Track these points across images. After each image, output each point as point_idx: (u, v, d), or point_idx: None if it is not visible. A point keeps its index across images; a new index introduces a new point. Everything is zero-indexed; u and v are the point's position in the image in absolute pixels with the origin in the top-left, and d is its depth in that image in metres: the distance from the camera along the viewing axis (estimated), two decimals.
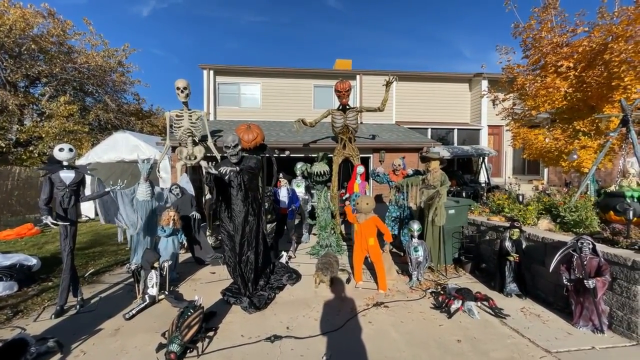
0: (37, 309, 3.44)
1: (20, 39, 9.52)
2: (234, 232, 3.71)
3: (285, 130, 8.82)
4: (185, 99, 6.18)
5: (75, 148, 3.58)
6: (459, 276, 4.50)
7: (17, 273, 3.94)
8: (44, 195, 3.30)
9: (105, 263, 5.07)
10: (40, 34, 9.89)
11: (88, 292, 3.92)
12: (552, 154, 4.72)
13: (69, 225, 3.40)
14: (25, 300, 3.64)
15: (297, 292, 3.93)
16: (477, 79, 10.89)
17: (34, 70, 10.02)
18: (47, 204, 3.32)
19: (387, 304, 3.53)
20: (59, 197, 3.36)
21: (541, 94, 4.70)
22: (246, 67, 10.41)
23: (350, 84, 6.46)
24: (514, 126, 5.29)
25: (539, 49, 5.14)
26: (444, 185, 4.10)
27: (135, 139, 8.62)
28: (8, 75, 9.65)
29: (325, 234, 5.58)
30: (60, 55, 10.70)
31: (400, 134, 9.08)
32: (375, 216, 4.01)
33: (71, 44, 11.42)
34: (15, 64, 9.74)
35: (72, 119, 10.31)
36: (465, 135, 10.99)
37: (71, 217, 3.43)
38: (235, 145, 3.69)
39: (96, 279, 4.43)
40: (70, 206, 3.42)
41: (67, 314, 3.33)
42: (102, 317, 3.26)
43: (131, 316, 3.23)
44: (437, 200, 4.02)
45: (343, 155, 6.84)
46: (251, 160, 3.81)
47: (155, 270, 3.76)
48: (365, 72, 10.70)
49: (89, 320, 3.20)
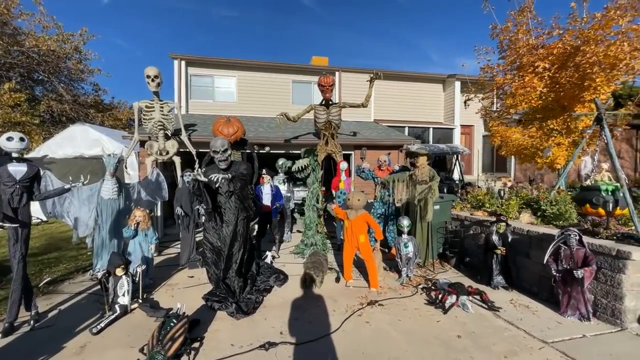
0: None
1: None
2: (220, 243, 3.43)
3: (264, 126, 8.49)
4: (157, 88, 5.68)
5: (28, 139, 3.05)
6: (445, 271, 4.55)
7: None
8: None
9: (63, 270, 4.49)
10: None
11: (44, 304, 3.40)
12: (529, 151, 4.94)
13: (20, 228, 2.91)
14: None
15: (286, 294, 3.72)
16: (451, 80, 11.30)
17: None
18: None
19: (382, 302, 3.44)
20: (6, 195, 2.85)
21: (519, 93, 4.89)
22: (221, 58, 9.88)
23: (334, 78, 6.33)
24: (494, 124, 5.49)
25: (515, 50, 5.35)
26: (435, 180, 4.10)
27: (96, 132, 7.82)
28: None
29: (310, 232, 5.40)
30: (3, 36, 9.37)
31: (380, 131, 9.13)
32: (366, 212, 3.91)
33: (17, 25, 10.09)
34: None
35: (18, 109, 9.06)
36: (440, 134, 11.36)
37: (22, 218, 2.93)
38: (225, 150, 3.40)
39: (53, 288, 3.88)
40: (21, 205, 2.93)
41: (18, 331, 2.84)
42: (63, 333, 2.81)
43: (99, 330, 2.82)
44: (429, 196, 4.00)
45: (326, 152, 6.68)
46: (242, 166, 3.55)
47: (127, 276, 3.36)
48: (344, 70, 10.65)
49: (46, 337, 2.75)
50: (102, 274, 3.27)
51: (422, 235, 4.45)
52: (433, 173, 4.29)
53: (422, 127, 11.31)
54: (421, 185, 4.25)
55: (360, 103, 6.43)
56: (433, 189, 3.97)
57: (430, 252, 4.60)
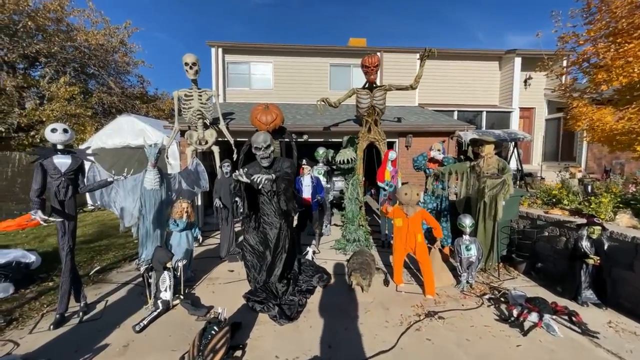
0: (35, 316, 2.97)
1: (15, 14, 8.84)
2: (262, 247, 3.18)
3: (301, 113, 8.14)
4: (195, 76, 5.54)
5: (72, 130, 2.97)
6: (512, 278, 3.93)
7: (14, 272, 3.47)
8: (36, 185, 2.76)
9: (112, 258, 4.60)
10: (37, 10, 9.18)
11: (93, 294, 3.44)
12: (627, 137, 4.01)
13: (67, 221, 2.88)
14: (22, 305, 3.17)
15: (331, 296, 3.40)
16: (509, 56, 9.93)
17: (31, 49, 9.35)
18: (40, 196, 2.78)
19: (442, 314, 2.98)
20: (53, 188, 2.82)
21: (616, 65, 3.94)
22: (257, 44, 9.61)
23: (379, 58, 5.72)
24: (578, 104, 4.55)
25: (609, 12, 4.32)
26: (508, 173, 3.45)
27: (141, 122, 8.04)
28: (5, 55, 9.03)
29: (353, 227, 5.02)
30: (58, 33, 10.00)
31: (426, 116, 8.33)
32: (423, 209, 3.42)
33: (70, 21, 10.72)
34: (11, 43, 9.07)
35: (74, 101, 9.72)
36: (495, 118, 10.14)
37: (69, 210, 2.90)
38: (268, 146, 3.10)
39: (102, 277, 3.96)
40: (67, 198, 2.89)
41: (68, 323, 2.85)
42: (109, 328, 2.77)
43: (142, 328, 2.73)
44: (503, 192, 3.38)
45: (368, 140, 6.17)
46: (285, 163, 3.22)
47: (168, 271, 3.26)
48: (386, 50, 9.82)
49: (93, 331, 2.72)
50: (144, 269, 3.19)
51: (486, 236, 3.85)
52: (504, 164, 3.63)
53: (473, 110, 10.18)
54: (490, 179, 3.62)
55: (408, 84, 5.77)
56: (508, 183, 3.33)
57: (493, 255, 4.00)
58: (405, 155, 7.35)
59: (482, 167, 3.83)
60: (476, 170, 3.93)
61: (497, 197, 3.48)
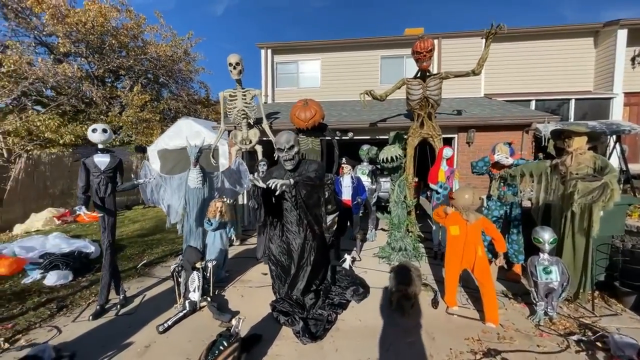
0: (83, 304, 3.19)
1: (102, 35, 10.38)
2: (284, 259, 2.92)
3: (347, 109, 7.74)
4: (238, 75, 5.58)
5: (111, 130, 3.09)
6: (614, 313, 2.94)
7: (74, 261, 3.83)
8: (81, 183, 2.94)
9: (160, 253, 4.87)
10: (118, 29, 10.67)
11: (136, 287, 3.61)
12: None
13: (107, 216, 3.01)
14: (75, 292, 3.45)
15: (366, 315, 2.96)
16: (610, 29, 7.97)
17: (113, 64, 10.88)
18: (85, 193, 2.96)
19: (506, 354, 2.31)
20: (94, 185, 2.96)
21: None
22: (304, 42, 9.51)
23: (433, 42, 5.01)
24: None
25: None
26: (612, 174, 2.54)
27: (197, 125, 8.57)
28: (95, 71, 10.69)
29: (399, 234, 4.44)
30: (135, 48, 11.47)
31: (494, 107, 7.15)
32: (484, 216, 2.74)
33: (144, 37, 12.19)
34: (100, 59, 10.71)
35: (146, 108, 11.03)
36: (588, 106, 8.24)
37: (109, 206, 3.03)
38: (291, 147, 2.82)
39: (148, 271, 4.16)
40: (107, 195, 3.01)
41: (107, 314, 2.97)
42: (139, 324, 2.79)
43: (165, 329, 2.68)
44: (603, 199, 2.50)
45: (420, 136, 5.50)
46: (311, 166, 2.88)
47: (198, 271, 3.21)
48: (445, 35, 8.77)
49: (124, 326, 2.77)
50: (174, 267, 3.19)
51: (576, 256, 2.95)
52: (604, 162, 2.71)
53: (557, 99, 8.45)
54: (583, 182, 2.74)
55: (470, 70, 4.95)
56: (612, 188, 2.44)
57: (586, 281, 3.05)
58: (466, 153, 6.39)
59: (568, 167, 2.94)
60: (560, 170, 3.05)
61: (593, 206, 2.60)
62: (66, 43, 10.03)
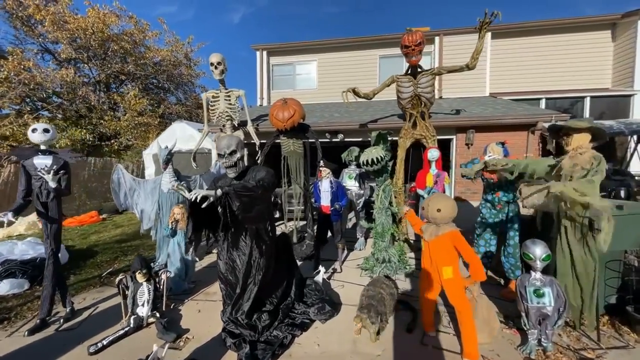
0: (29, 316, 2.97)
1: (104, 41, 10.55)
2: (233, 276, 2.62)
3: (340, 111, 7.40)
4: (220, 75, 5.37)
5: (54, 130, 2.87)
6: (626, 345, 2.45)
7: (33, 269, 3.64)
8: (21, 187, 2.74)
9: (131, 260, 4.63)
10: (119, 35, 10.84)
11: (92, 297, 3.38)
12: None
13: (49, 223, 2.78)
14: (25, 302, 3.25)
15: (327, 339, 2.59)
16: (630, 20, 7.28)
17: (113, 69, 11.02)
18: (25, 197, 2.75)
19: None
20: (35, 189, 2.76)
21: None
22: (300, 42, 9.27)
23: (422, 35, 4.63)
24: None
25: None
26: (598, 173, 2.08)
27: (190, 128, 8.47)
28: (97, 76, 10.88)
29: (383, 243, 4.04)
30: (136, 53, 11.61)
31: (497, 106, 6.63)
32: (456, 230, 2.32)
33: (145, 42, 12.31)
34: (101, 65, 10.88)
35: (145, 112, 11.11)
36: (605, 104, 7.55)
37: (52, 213, 2.80)
38: (232, 153, 2.47)
39: (113, 279, 3.92)
40: (50, 199, 2.80)
41: (48, 329, 2.74)
42: (74, 342, 2.54)
43: (97, 350, 2.41)
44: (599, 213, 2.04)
45: (413, 137, 5.09)
46: (258, 174, 2.52)
47: (149, 283, 2.93)
48: (447, 32, 8.31)
49: (58, 345, 2.52)
50: (120, 279, 2.92)
51: (579, 275, 2.48)
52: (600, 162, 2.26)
53: (570, 97, 7.80)
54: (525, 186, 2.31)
55: (464, 64, 4.54)
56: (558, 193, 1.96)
57: (590, 304, 2.56)
58: (465, 156, 5.92)
59: (567, 167, 2.49)
60: (557, 171, 2.60)
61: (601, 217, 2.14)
62: (67, 49, 10.25)
